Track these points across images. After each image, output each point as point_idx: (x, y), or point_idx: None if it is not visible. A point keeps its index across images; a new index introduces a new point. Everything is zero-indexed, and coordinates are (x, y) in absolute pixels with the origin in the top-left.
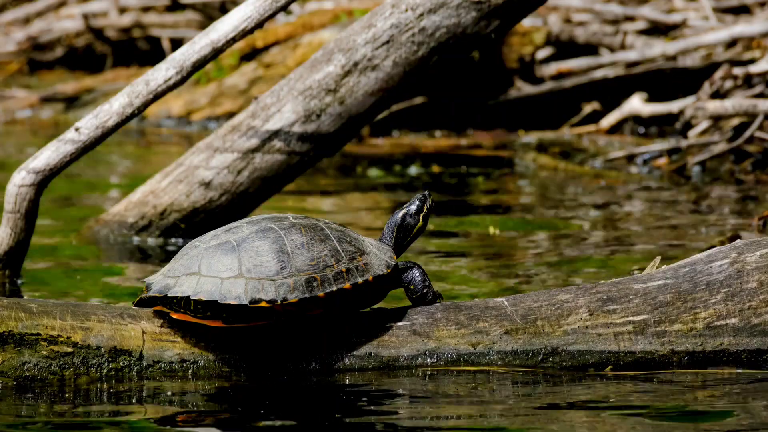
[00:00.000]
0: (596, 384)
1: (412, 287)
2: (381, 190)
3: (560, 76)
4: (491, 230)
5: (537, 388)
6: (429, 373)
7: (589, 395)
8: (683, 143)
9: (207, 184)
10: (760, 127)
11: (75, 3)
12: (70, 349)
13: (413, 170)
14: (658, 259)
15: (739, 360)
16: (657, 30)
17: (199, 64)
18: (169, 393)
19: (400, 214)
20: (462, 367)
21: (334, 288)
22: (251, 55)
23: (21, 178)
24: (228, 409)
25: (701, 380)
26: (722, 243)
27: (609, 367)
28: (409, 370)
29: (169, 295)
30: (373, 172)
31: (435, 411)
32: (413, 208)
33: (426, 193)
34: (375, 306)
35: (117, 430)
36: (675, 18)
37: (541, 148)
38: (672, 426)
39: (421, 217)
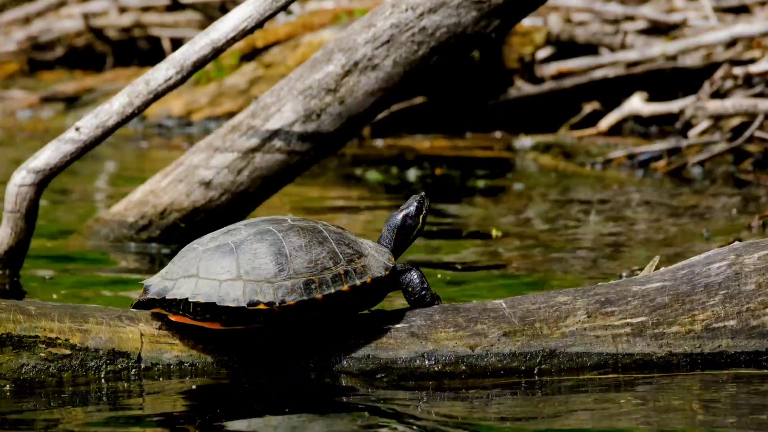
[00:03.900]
0: (594, 385)
1: (410, 289)
2: (379, 191)
3: (560, 75)
4: (494, 233)
5: (536, 387)
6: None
7: (588, 396)
8: (683, 143)
9: (207, 184)
10: (760, 127)
11: (75, 3)
12: (68, 352)
13: (412, 174)
14: (656, 258)
15: (737, 362)
16: (657, 30)
17: (199, 64)
18: (168, 395)
19: (401, 216)
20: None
21: (332, 290)
22: (251, 55)
23: (21, 178)
24: (226, 411)
25: (700, 382)
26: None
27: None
28: (408, 372)
29: (167, 298)
30: (372, 175)
31: (434, 411)
32: (413, 209)
33: (422, 194)
34: (373, 308)
35: None
36: (675, 18)
37: (542, 150)
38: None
39: (420, 219)
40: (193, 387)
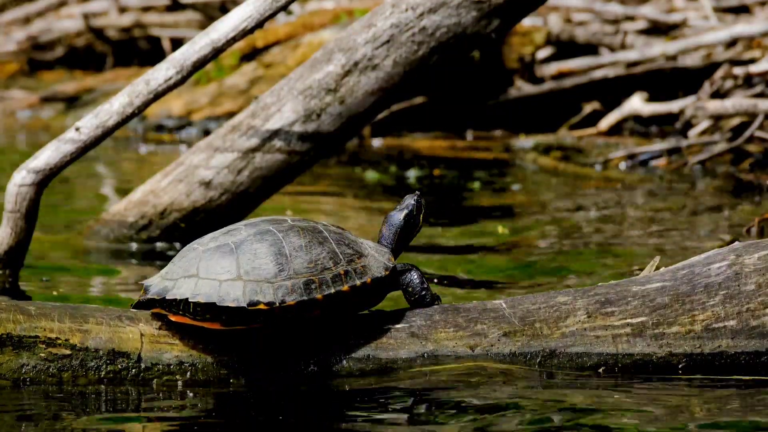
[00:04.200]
0: (594, 387)
1: (410, 290)
2: (378, 191)
3: (560, 75)
4: (500, 230)
5: (536, 389)
6: (428, 375)
7: (587, 398)
8: (683, 143)
9: (207, 184)
10: (760, 127)
11: (75, 3)
12: (68, 352)
13: (411, 173)
14: (657, 258)
15: (737, 362)
16: (657, 30)
17: (199, 64)
18: (167, 395)
19: (402, 215)
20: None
21: (332, 290)
22: (251, 55)
23: (21, 178)
24: (226, 411)
25: (699, 382)
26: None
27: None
28: (408, 372)
29: (167, 298)
30: (371, 175)
31: (434, 413)
32: (413, 208)
33: (417, 193)
34: (373, 308)
35: None
36: (675, 18)
37: (542, 150)
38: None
39: (420, 218)
40: (193, 387)
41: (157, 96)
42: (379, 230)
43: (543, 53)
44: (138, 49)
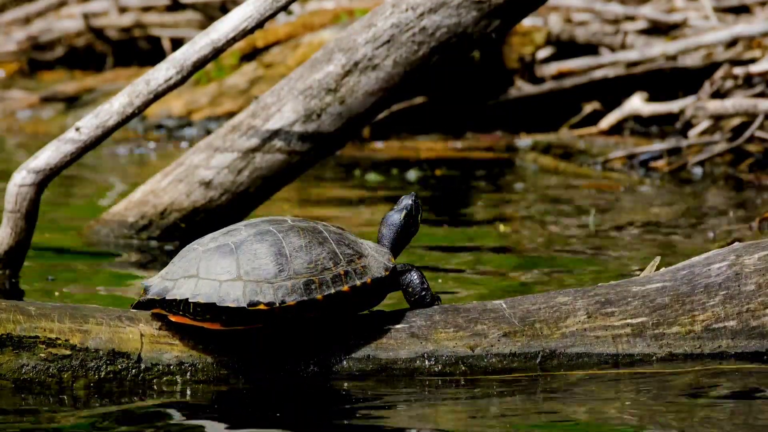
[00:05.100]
0: (594, 387)
1: (410, 290)
2: (379, 192)
3: (560, 75)
4: (501, 228)
5: (536, 391)
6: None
7: (588, 399)
8: (683, 143)
9: (207, 184)
10: (760, 127)
11: (75, 3)
12: (68, 352)
13: (412, 174)
14: (657, 259)
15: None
16: (657, 30)
17: (199, 64)
18: (167, 395)
19: (402, 215)
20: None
21: (333, 291)
22: (252, 54)
23: (21, 178)
24: (226, 411)
25: (701, 380)
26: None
27: None
28: (408, 373)
29: (167, 298)
30: (372, 176)
31: (433, 414)
32: (411, 208)
33: (413, 194)
34: (373, 308)
35: None
36: (675, 18)
37: (542, 149)
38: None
39: (419, 218)
40: (193, 387)
41: (158, 96)
42: (378, 231)
43: (543, 53)
44: (138, 49)
